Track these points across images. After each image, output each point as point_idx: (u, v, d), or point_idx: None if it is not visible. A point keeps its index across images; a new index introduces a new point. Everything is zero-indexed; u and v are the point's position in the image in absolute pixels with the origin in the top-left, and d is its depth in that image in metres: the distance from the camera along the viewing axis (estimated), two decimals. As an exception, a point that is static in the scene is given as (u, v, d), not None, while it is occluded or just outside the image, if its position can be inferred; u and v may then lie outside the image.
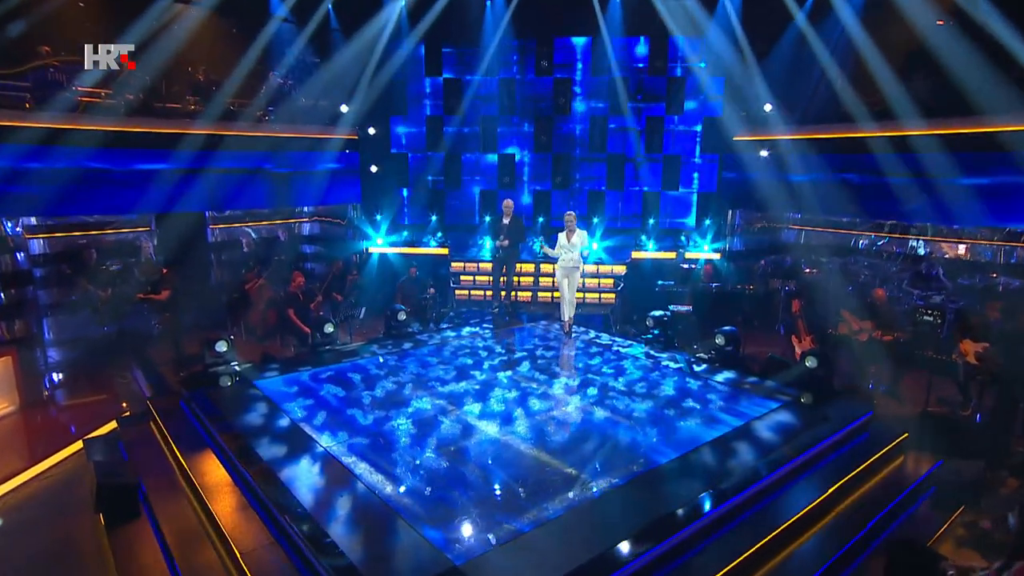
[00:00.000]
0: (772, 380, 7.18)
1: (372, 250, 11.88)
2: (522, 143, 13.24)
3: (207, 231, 11.16)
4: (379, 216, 12.44)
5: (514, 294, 11.14)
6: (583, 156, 13.15)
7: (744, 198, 12.13)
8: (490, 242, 10.87)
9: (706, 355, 8.03)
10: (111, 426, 6.61)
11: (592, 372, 7.49)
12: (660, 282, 10.78)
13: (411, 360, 7.87)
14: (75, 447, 6.38)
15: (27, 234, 8.86)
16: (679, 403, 6.51)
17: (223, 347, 7.23)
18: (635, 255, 11.83)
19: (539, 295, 11.81)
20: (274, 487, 4.73)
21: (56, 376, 8.46)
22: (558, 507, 4.52)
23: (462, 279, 12.13)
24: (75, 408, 7.53)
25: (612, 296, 11.55)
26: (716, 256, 11.75)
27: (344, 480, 4.87)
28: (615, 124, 12.86)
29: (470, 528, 4.26)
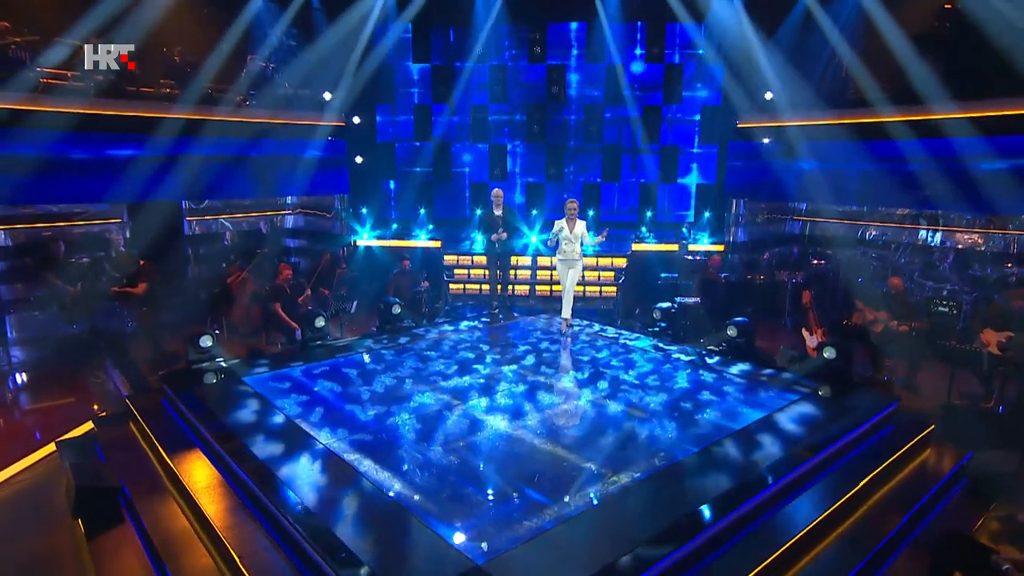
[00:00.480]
0: (789, 372, 7.10)
1: (360, 243, 11.65)
2: (514, 133, 13.11)
3: (183, 223, 10.85)
4: (366, 209, 12.21)
5: (511, 288, 10.99)
6: (578, 147, 13.04)
7: (748, 188, 12.08)
8: (481, 237, 10.61)
9: (717, 347, 7.94)
10: (86, 427, 6.32)
11: (601, 365, 7.36)
12: (663, 275, 10.70)
13: (409, 355, 7.68)
14: (46, 451, 6.09)
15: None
16: (695, 396, 6.41)
17: (208, 342, 6.98)
18: (635, 247, 11.74)
19: (537, 288, 11.65)
20: (273, 486, 4.51)
21: (20, 377, 8.12)
22: (580, 503, 4.37)
23: (456, 273, 11.94)
24: (42, 411, 7.20)
25: (613, 289, 11.44)
26: (719, 248, 11.70)
27: (348, 478, 4.67)
28: (611, 114, 12.78)
29: (489, 525, 4.09)
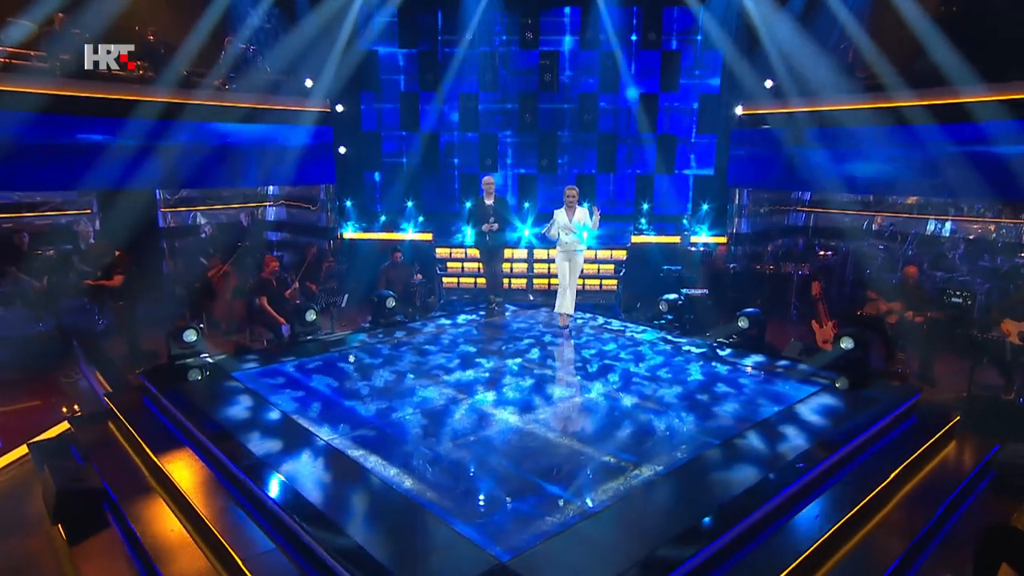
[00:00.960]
0: (805, 363, 7.06)
1: (347, 235, 11.44)
2: (505, 123, 12.97)
3: (158, 215, 10.56)
4: (350, 202, 11.98)
5: (507, 281, 10.84)
6: (572, 136, 12.95)
7: (752, 177, 12.03)
8: (471, 230, 10.39)
9: (727, 339, 7.90)
10: (61, 428, 6.08)
11: (609, 358, 7.27)
12: (666, 267, 10.64)
13: (407, 349, 7.54)
14: (16, 453, 5.86)
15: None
16: (711, 388, 6.34)
17: (192, 336, 6.77)
18: (635, 239, 11.68)
19: (535, 282, 11.52)
20: (273, 485, 4.33)
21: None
22: (604, 497, 4.26)
23: (449, 266, 11.76)
24: (10, 414, 6.89)
25: (613, 282, 11.35)
26: (721, 240, 11.66)
27: (355, 475, 4.51)
28: (606, 103, 12.71)
29: (509, 521, 3.96)
